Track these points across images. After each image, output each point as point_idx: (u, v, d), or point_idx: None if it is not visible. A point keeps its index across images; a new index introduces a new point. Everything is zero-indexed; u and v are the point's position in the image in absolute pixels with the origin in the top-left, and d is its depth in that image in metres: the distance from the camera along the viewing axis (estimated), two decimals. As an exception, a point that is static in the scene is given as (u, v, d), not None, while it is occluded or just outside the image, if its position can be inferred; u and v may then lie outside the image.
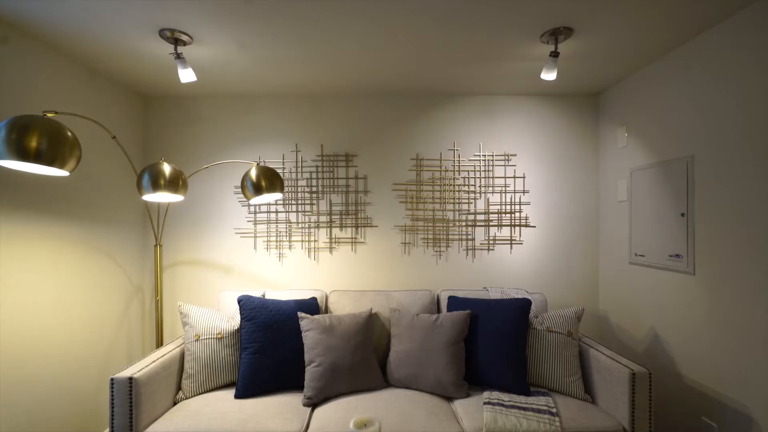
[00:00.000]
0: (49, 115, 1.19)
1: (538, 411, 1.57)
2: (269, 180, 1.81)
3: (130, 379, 1.47)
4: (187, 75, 1.73)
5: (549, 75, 1.74)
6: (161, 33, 1.63)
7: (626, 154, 2.18)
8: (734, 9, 1.48)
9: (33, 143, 1.11)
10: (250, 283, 2.44)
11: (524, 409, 1.58)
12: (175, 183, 1.69)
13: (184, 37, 1.66)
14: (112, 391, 1.46)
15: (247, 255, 2.45)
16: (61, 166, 1.19)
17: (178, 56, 1.68)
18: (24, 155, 1.11)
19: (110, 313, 2.14)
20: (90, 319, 1.99)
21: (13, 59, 1.57)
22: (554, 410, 1.57)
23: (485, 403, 1.63)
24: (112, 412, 1.46)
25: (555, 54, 1.67)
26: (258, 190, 1.79)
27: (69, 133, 1.20)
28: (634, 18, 1.54)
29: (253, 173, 1.82)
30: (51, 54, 1.76)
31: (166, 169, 1.70)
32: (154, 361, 1.62)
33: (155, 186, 1.65)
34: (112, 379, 1.46)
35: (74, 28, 1.60)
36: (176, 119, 2.46)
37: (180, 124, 2.46)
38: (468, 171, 2.46)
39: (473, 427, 1.51)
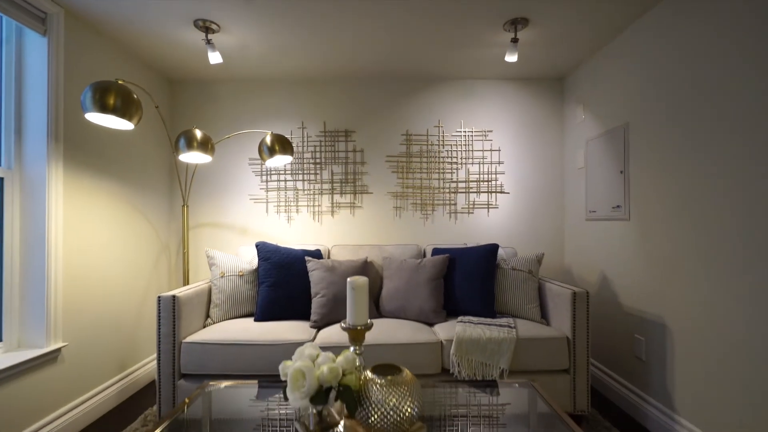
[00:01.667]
0: (120, 82, 1.57)
1: (500, 326, 1.95)
2: (281, 144, 2.19)
3: (174, 297, 1.84)
4: (215, 58, 2.11)
5: (511, 57, 2.12)
6: (195, 23, 2.01)
7: (584, 127, 2.56)
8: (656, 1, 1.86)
9: (111, 100, 1.49)
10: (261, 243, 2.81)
11: (489, 324, 1.96)
12: (205, 144, 2.07)
13: (214, 26, 2.03)
14: (159, 307, 1.84)
15: (259, 218, 2.83)
16: (129, 119, 1.57)
17: (209, 42, 2.06)
18: (104, 109, 1.48)
19: (144, 263, 2.51)
20: (129, 265, 2.36)
21: (67, 40, 1.95)
22: (513, 325, 1.95)
23: (458, 322, 2.01)
24: (159, 323, 1.83)
25: (515, 40, 2.05)
26: (272, 152, 2.17)
27: (135, 96, 1.58)
28: (581, 8, 1.92)
29: (268, 139, 2.20)
30: (99, 39, 2.13)
31: (198, 133, 2.07)
32: (190, 289, 2.00)
33: (189, 146, 2.02)
34: (159, 297, 1.84)
35: (121, 17, 1.98)
36: (198, 100, 2.83)
37: (201, 105, 2.83)
38: (451, 145, 2.84)
39: (447, 337, 1.89)
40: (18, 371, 1.62)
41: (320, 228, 2.83)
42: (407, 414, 1.00)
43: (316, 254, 2.38)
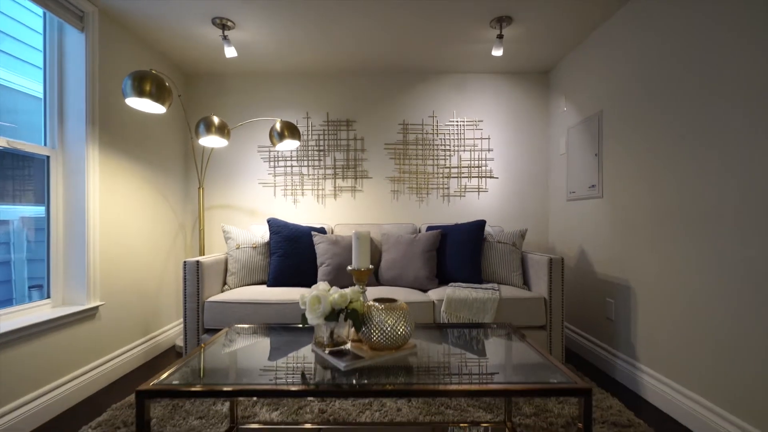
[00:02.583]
0: (153, 71, 1.81)
1: (485, 289, 2.20)
2: (290, 130, 2.43)
3: (197, 261, 2.09)
4: (230, 52, 2.35)
5: (497, 52, 2.37)
6: (213, 20, 2.25)
7: (566, 116, 2.81)
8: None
9: (147, 87, 1.73)
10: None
11: (476, 288, 2.21)
12: (222, 129, 2.31)
13: (230, 23, 2.27)
14: (185, 271, 2.08)
15: (268, 200, 3.07)
16: (162, 103, 1.81)
17: (225, 38, 2.30)
18: (141, 94, 1.73)
19: (163, 239, 2.76)
20: (151, 240, 2.61)
21: (101, 36, 2.19)
22: (497, 289, 2.20)
23: (448, 286, 2.26)
24: (185, 284, 2.08)
25: (500, 36, 2.30)
26: (282, 137, 2.41)
27: (167, 83, 1.82)
28: (559, 7, 2.16)
29: (278, 125, 2.44)
30: (126, 35, 2.37)
31: (216, 119, 2.32)
32: (209, 258, 2.24)
33: (208, 130, 2.27)
34: (185, 262, 2.08)
35: (146, 16, 2.21)
36: (210, 92, 3.07)
37: (212, 97, 3.07)
38: (444, 134, 3.08)
39: (438, 298, 2.14)
40: (64, 323, 1.86)
41: (324, 209, 3.07)
42: (401, 332, 1.24)
43: (321, 230, 2.63)
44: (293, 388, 1.00)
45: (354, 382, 1.05)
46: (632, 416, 1.73)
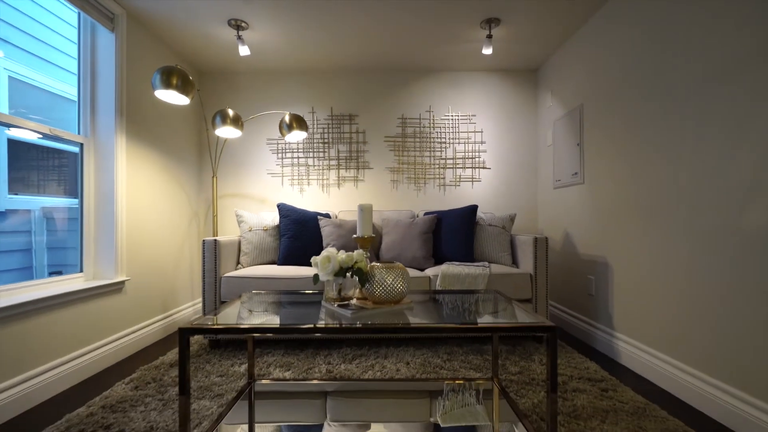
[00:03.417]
0: (178, 66, 2.02)
1: (477, 266, 2.41)
2: (298, 122, 2.65)
3: (215, 240, 2.30)
4: (244, 51, 2.57)
5: (487, 50, 2.59)
6: (228, 21, 2.46)
7: (552, 110, 3.02)
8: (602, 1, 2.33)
9: (174, 80, 1.95)
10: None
11: (468, 265, 2.43)
12: (237, 120, 2.53)
13: (244, 24, 2.49)
14: (204, 249, 2.29)
15: (276, 190, 3.28)
16: (187, 95, 2.02)
17: (239, 38, 2.51)
18: (169, 86, 1.94)
19: (179, 224, 2.97)
20: (168, 224, 2.82)
21: (128, 35, 2.40)
22: (487, 266, 2.41)
23: (443, 264, 2.48)
24: (204, 261, 2.29)
25: (489, 36, 2.52)
26: (291, 128, 2.63)
27: (190, 77, 2.03)
28: (542, 10, 2.38)
29: (287, 118, 2.66)
30: (148, 35, 2.58)
31: (230, 112, 2.53)
32: (225, 238, 2.45)
33: (224, 122, 2.48)
34: (204, 241, 2.29)
35: (167, 18, 2.43)
36: (221, 89, 3.29)
37: (224, 93, 3.29)
38: (440, 127, 3.30)
39: (434, 274, 2.36)
40: (96, 293, 2.07)
41: (328, 198, 3.29)
42: (399, 288, 1.46)
43: (327, 216, 2.84)
44: (304, 326, 1.21)
45: (358, 324, 1.26)
46: (606, 375, 1.94)
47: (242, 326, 1.21)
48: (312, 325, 1.20)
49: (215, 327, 1.22)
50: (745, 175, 1.44)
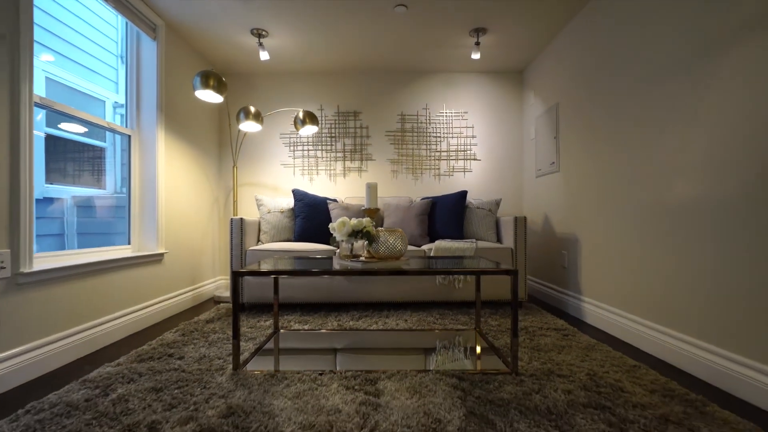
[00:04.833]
0: (214, 70, 2.40)
1: (465, 241, 2.80)
2: (310, 118, 3.03)
3: (241, 219, 2.69)
4: (264, 56, 2.95)
5: (475, 56, 2.98)
6: (251, 30, 2.84)
7: (534, 108, 3.41)
8: (578, 8, 2.71)
9: (211, 81, 2.33)
10: (291, 197, 3.65)
11: (458, 241, 2.82)
12: (258, 116, 2.91)
13: (264, 32, 2.87)
14: (231, 226, 2.68)
15: (288, 179, 3.67)
16: (221, 94, 2.41)
17: (260, 44, 2.89)
18: (207, 86, 2.32)
19: (203, 209, 3.35)
20: (195, 207, 3.20)
21: (166, 43, 2.78)
22: (474, 241, 2.80)
23: (437, 241, 2.87)
24: (231, 236, 2.67)
25: (477, 43, 2.90)
26: (304, 123, 3.01)
27: (223, 79, 2.42)
28: (525, 21, 2.76)
29: (301, 114, 3.04)
30: (181, 42, 2.96)
31: (252, 108, 2.92)
32: (248, 218, 2.84)
33: (247, 117, 2.86)
34: (231, 219, 2.68)
35: (198, 28, 2.81)
36: (240, 89, 3.67)
37: (242, 93, 3.67)
38: (435, 123, 3.68)
39: (428, 248, 2.75)
40: (141, 262, 2.46)
41: (335, 186, 3.67)
42: (399, 247, 1.85)
43: (334, 201, 3.22)
44: (332, 270, 1.60)
45: (366, 268, 1.65)
46: (570, 327, 2.33)
47: (277, 268, 1.60)
48: (337, 268, 1.59)
49: (260, 271, 1.61)
50: (670, 160, 1.83)
